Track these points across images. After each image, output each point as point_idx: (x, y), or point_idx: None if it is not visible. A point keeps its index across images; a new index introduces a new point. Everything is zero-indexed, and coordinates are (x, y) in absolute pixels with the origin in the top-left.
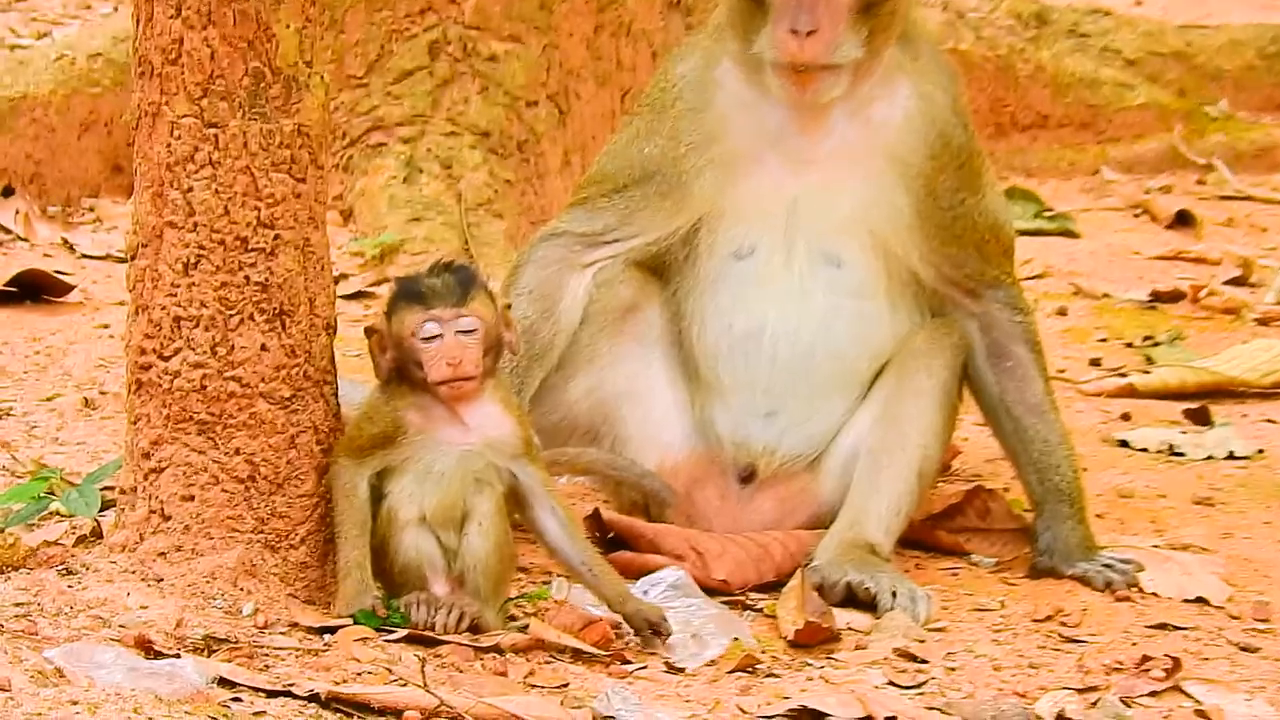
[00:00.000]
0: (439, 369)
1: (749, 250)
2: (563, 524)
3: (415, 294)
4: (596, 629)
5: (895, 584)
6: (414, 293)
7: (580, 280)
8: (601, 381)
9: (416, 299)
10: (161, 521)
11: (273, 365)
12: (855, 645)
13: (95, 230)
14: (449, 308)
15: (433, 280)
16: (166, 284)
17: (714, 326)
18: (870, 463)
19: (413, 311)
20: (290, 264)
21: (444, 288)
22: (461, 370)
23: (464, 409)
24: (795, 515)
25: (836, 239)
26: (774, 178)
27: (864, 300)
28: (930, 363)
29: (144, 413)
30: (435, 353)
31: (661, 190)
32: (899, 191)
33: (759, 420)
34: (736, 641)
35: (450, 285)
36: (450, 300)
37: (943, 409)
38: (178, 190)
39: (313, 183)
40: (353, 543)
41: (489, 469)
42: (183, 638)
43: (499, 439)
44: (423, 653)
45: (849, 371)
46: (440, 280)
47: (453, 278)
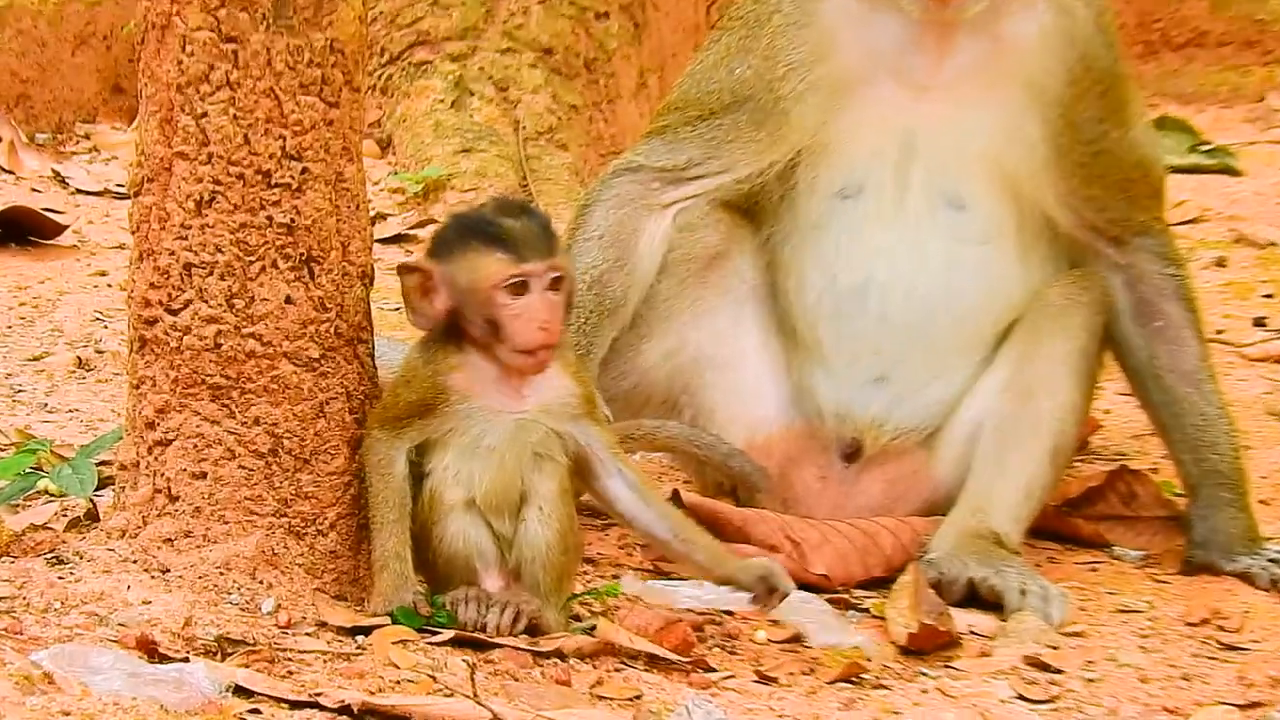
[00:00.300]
0: (529, 333)
1: (856, 189)
2: (635, 488)
3: (499, 238)
4: (675, 631)
5: (1025, 581)
6: (497, 237)
7: (658, 223)
8: (682, 343)
9: (501, 245)
10: (168, 503)
11: (299, 320)
12: (978, 652)
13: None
14: (541, 259)
15: (515, 223)
16: (175, 225)
17: (815, 279)
18: (996, 438)
19: (498, 260)
20: (320, 202)
21: (533, 234)
22: (553, 336)
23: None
24: (907, 499)
25: (959, 177)
26: (887, 104)
27: (990, 248)
28: (1067, 322)
29: (148, 375)
30: (524, 313)
31: (755, 118)
32: (1033, 121)
33: (866, 388)
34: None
35: (538, 232)
36: (542, 250)
37: (1081, 376)
38: (189, 115)
39: (347, 107)
40: (390, 529)
41: (549, 440)
42: (192, 638)
43: (557, 401)
44: (472, 658)
45: (972, 331)
46: (522, 223)
47: (534, 222)
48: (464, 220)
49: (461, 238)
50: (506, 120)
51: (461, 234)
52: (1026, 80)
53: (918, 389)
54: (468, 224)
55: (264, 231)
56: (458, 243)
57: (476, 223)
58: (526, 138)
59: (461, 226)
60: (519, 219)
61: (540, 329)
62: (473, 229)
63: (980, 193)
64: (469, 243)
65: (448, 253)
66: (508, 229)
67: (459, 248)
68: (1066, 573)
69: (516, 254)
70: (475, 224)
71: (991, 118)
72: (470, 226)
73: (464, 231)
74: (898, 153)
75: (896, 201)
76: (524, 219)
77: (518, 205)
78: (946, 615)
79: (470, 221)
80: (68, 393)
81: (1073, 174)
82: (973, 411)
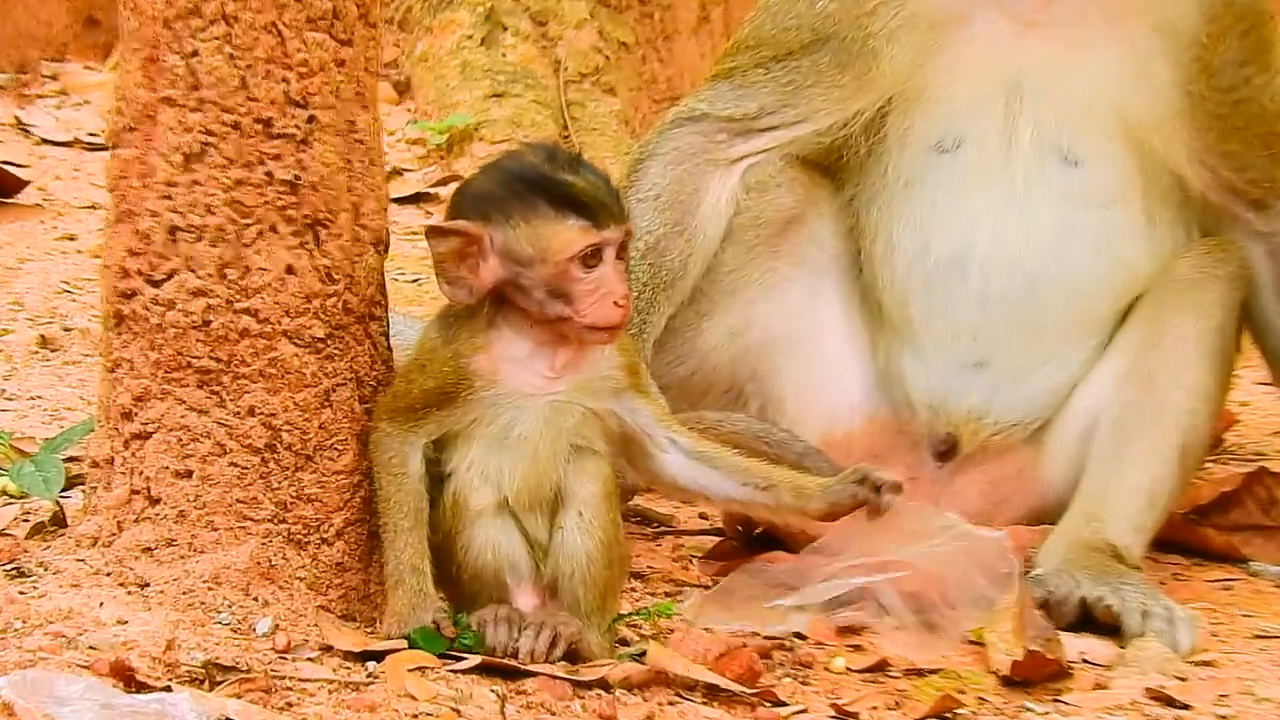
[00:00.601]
0: (606, 309)
1: (955, 143)
2: (693, 453)
3: (572, 200)
4: (739, 658)
5: (1147, 601)
6: (570, 198)
7: (724, 181)
8: (749, 321)
9: (576, 208)
10: (147, 506)
11: (301, 294)
12: (1093, 684)
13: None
14: (618, 224)
15: (583, 181)
16: (159, 182)
17: (905, 245)
18: (1115, 435)
19: (574, 228)
20: (328, 156)
21: (605, 193)
22: (629, 310)
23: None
24: (1010, 505)
25: (1075, 129)
26: (992, 45)
27: (1110, 212)
28: (1198, 298)
29: (125, 357)
30: (600, 286)
31: (839, 60)
32: (1163, 65)
33: (963, 374)
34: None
35: (607, 190)
36: (618, 214)
37: (1214, 362)
38: (178, 54)
39: (360, 45)
40: (404, 538)
41: (588, 425)
42: (175, 665)
43: (595, 376)
44: (502, 688)
45: (1086, 309)
46: (590, 181)
47: (599, 178)
48: (521, 176)
49: (522, 198)
50: (545, 60)
51: (521, 193)
52: (1155, 15)
53: (1023, 376)
54: (528, 180)
55: (263, 190)
56: (518, 204)
57: (539, 180)
58: (568, 80)
59: (520, 183)
60: (582, 175)
61: (617, 304)
62: (537, 187)
63: (1099, 147)
64: (535, 205)
65: (503, 215)
66: (580, 189)
67: (520, 210)
68: (1195, 591)
69: (594, 219)
70: (538, 181)
71: (1113, 59)
72: (533, 184)
73: (525, 190)
74: (1003, 100)
75: (1001, 157)
76: (587, 174)
77: (569, 157)
78: (1055, 641)
79: (531, 178)
80: (29, 377)
81: (1208, 126)
82: (1087, 402)
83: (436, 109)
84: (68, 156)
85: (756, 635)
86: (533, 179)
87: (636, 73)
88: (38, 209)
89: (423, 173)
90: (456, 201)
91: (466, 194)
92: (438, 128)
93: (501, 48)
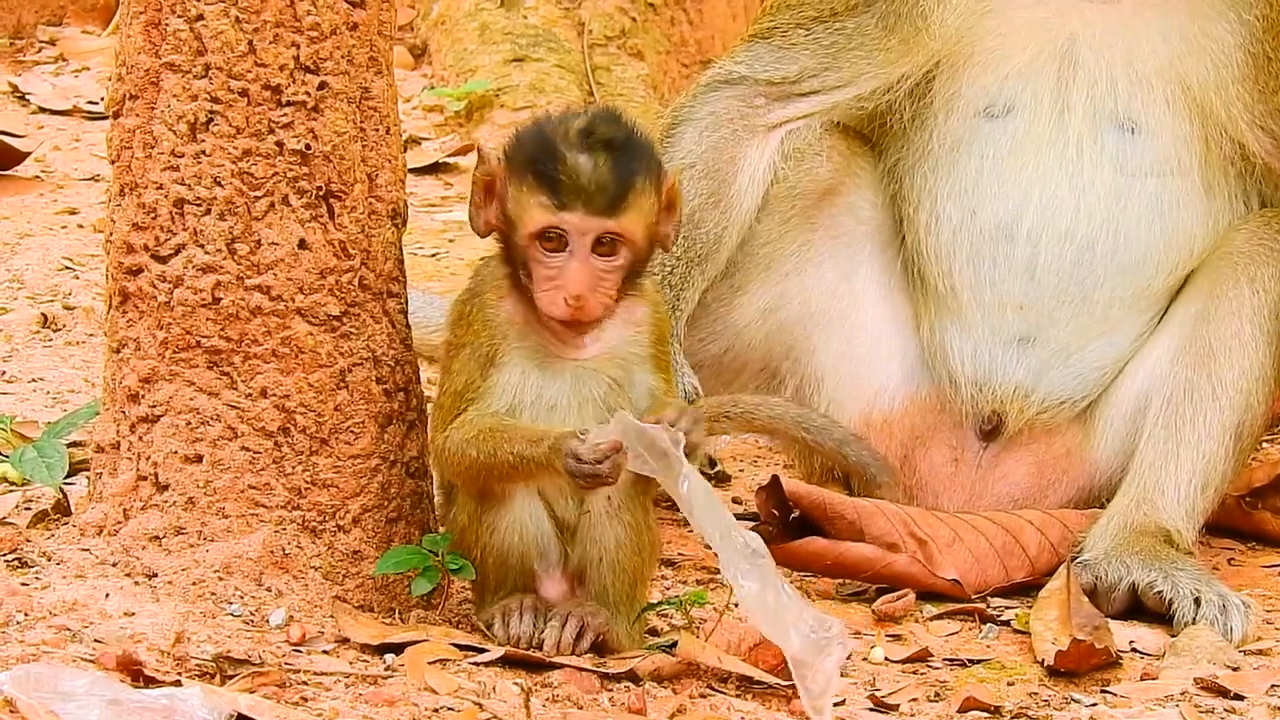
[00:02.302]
0: (554, 301)
1: (1005, 108)
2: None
3: (549, 175)
4: (773, 649)
5: (1199, 587)
6: (549, 172)
7: (762, 150)
8: (785, 295)
9: (548, 184)
10: (155, 492)
11: (315, 269)
12: (1142, 674)
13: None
14: (589, 213)
15: (583, 157)
16: (164, 152)
17: (950, 215)
18: (1167, 414)
19: (539, 204)
20: (341, 124)
21: (596, 177)
22: (585, 313)
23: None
24: (1058, 487)
25: (1132, 94)
26: (1046, 6)
27: (1166, 181)
28: (1256, 271)
29: (130, 337)
30: (556, 276)
31: (886, 22)
32: (1225, 26)
33: (1010, 350)
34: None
35: (606, 175)
36: (596, 204)
37: (1271, 338)
38: (182, 18)
39: (374, 8)
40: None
41: (616, 396)
42: (185, 658)
43: (621, 346)
44: (526, 680)
45: (1140, 282)
46: (593, 159)
47: (613, 161)
48: (539, 136)
49: (524, 158)
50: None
51: (527, 153)
52: None
53: (1072, 351)
54: (538, 143)
55: (273, 160)
56: (520, 161)
57: (543, 147)
58: (593, 44)
59: (533, 143)
60: (593, 157)
61: (566, 301)
62: (538, 153)
63: (1157, 113)
64: (525, 169)
65: (510, 166)
66: (567, 169)
67: (517, 168)
68: (1250, 578)
69: (560, 201)
70: (541, 148)
71: (1175, 21)
72: (538, 148)
73: (530, 152)
74: (1056, 64)
75: (1054, 123)
76: (601, 160)
77: (611, 131)
78: (1104, 629)
79: (541, 141)
80: (30, 358)
81: (1275, 89)
82: (1139, 380)
83: (454, 74)
84: (67, 126)
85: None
86: (540, 143)
87: (665, 35)
88: (37, 181)
89: (440, 141)
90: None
91: (520, 130)
92: (456, 94)
93: (522, 9)
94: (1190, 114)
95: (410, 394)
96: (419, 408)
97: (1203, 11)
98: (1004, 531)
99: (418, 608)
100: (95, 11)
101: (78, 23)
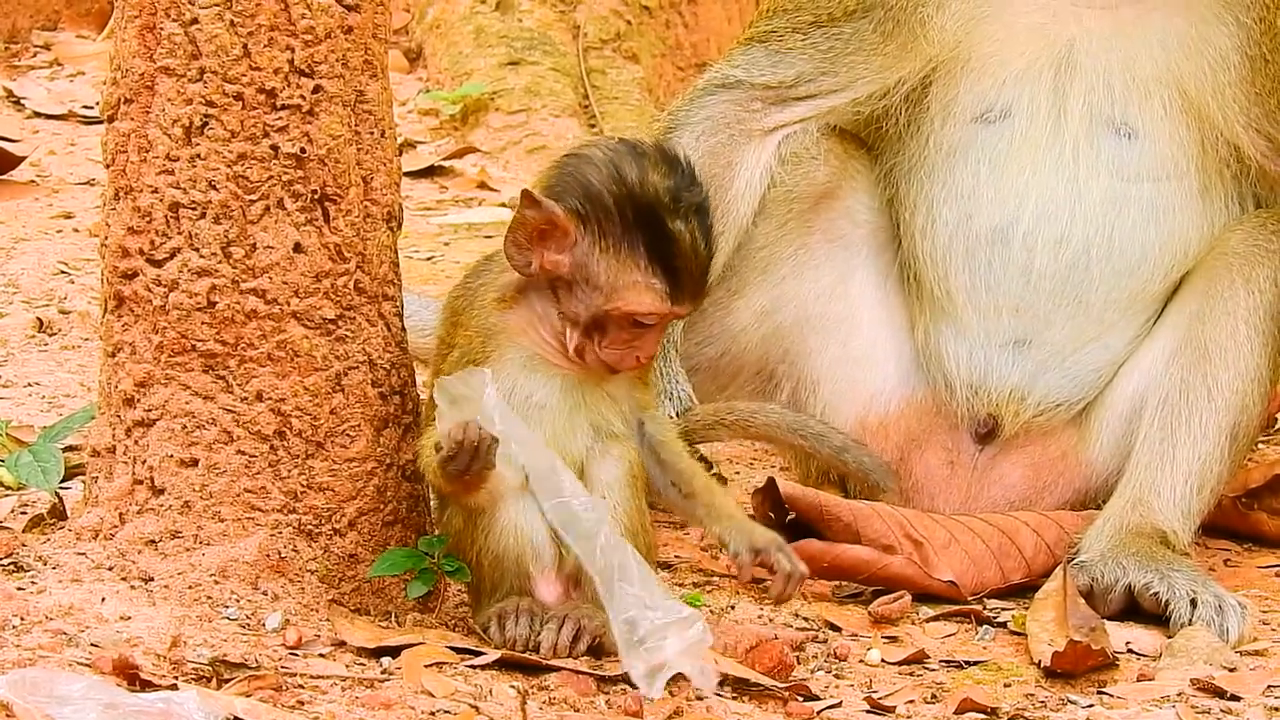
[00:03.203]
0: (626, 359)
1: (1002, 113)
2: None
3: (667, 266)
4: (770, 650)
5: (1196, 588)
6: (667, 263)
7: (758, 154)
8: (780, 300)
9: (667, 276)
10: (151, 496)
11: (311, 273)
12: (1138, 675)
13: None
14: (690, 303)
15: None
16: (159, 156)
17: (946, 219)
18: (1163, 415)
19: (654, 293)
20: (336, 127)
21: (699, 269)
22: (646, 361)
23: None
24: (1054, 489)
25: (1129, 99)
26: (1046, 11)
27: (1163, 185)
28: (1251, 272)
29: (126, 341)
30: (633, 340)
31: (884, 27)
32: (1223, 29)
33: (1006, 353)
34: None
35: (702, 266)
36: (696, 295)
37: (1267, 338)
38: (176, 22)
39: (368, 11)
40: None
41: (607, 404)
42: (181, 662)
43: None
44: (523, 683)
45: (1136, 285)
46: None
47: (705, 248)
48: (638, 201)
49: (627, 229)
50: (564, 25)
51: (630, 223)
52: None
53: (1068, 355)
54: (642, 212)
55: (268, 164)
56: (619, 231)
57: (652, 220)
58: (588, 47)
59: (634, 211)
60: (694, 233)
61: (639, 358)
62: (647, 227)
63: (1154, 118)
64: (634, 245)
65: (599, 230)
66: (683, 254)
67: (618, 239)
68: (1246, 578)
69: (677, 294)
70: (651, 222)
71: (1173, 26)
72: (645, 221)
73: (634, 222)
74: (1054, 70)
75: (1050, 128)
76: (699, 234)
77: (695, 202)
78: (1100, 630)
79: (646, 211)
80: (26, 362)
81: (1270, 91)
82: (1134, 382)
83: (449, 78)
84: (62, 130)
85: (789, 627)
86: (647, 214)
87: (660, 38)
88: (32, 185)
89: (436, 145)
90: (565, 176)
91: (577, 177)
92: (451, 97)
93: (517, 12)
94: (1187, 118)
95: (406, 397)
96: (415, 411)
97: (1201, 15)
98: (1000, 533)
99: (414, 611)
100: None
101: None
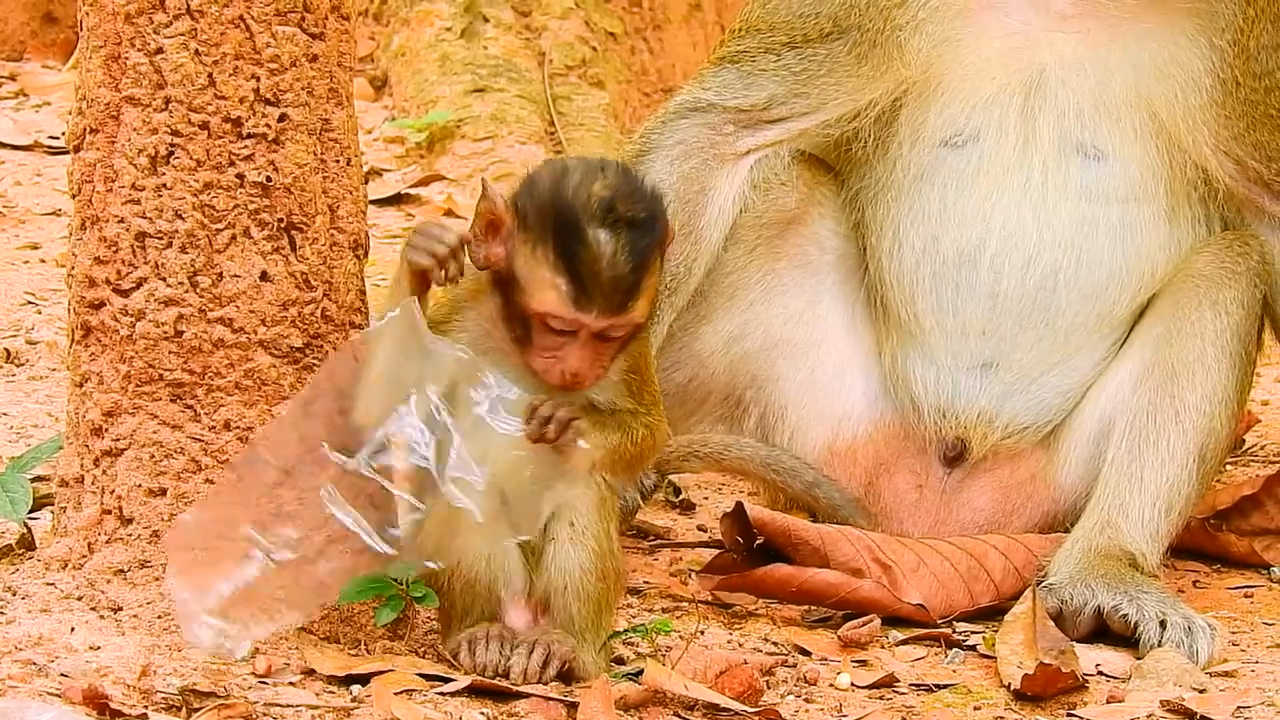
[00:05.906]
0: (548, 370)
1: (970, 136)
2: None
3: (573, 268)
4: (739, 675)
5: (1165, 610)
6: (573, 265)
7: (731, 179)
8: (748, 325)
9: (572, 279)
10: (119, 526)
11: (277, 301)
12: (1108, 697)
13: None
14: (604, 315)
15: (604, 254)
16: (125, 186)
17: (912, 242)
18: (1131, 437)
19: (558, 293)
20: (302, 156)
21: (614, 282)
22: (579, 384)
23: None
24: (1022, 511)
25: (1099, 122)
26: (1017, 36)
27: (1131, 208)
28: (1218, 294)
29: (93, 370)
30: (556, 349)
31: (858, 50)
32: (1196, 52)
33: (973, 376)
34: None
35: (624, 269)
36: (611, 306)
37: (1234, 360)
38: (141, 51)
39: (334, 39)
40: None
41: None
42: (150, 691)
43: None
44: (493, 710)
45: (1103, 307)
46: (613, 260)
47: (631, 249)
48: (564, 203)
49: (545, 225)
50: (529, 52)
51: (549, 221)
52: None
53: (1035, 377)
54: (564, 213)
55: (234, 193)
56: (539, 227)
57: (570, 222)
58: (553, 73)
59: (557, 209)
60: (617, 243)
61: (565, 375)
62: (562, 228)
63: (1124, 140)
64: (546, 242)
65: (526, 224)
66: (592, 260)
67: (536, 234)
68: (1215, 600)
69: (581, 300)
70: (568, 224)
71: (1146, 49)
72: (563, 222)
73: (554, 221)
74: (1024, 94)
75: (1019, 151)
76: (624, 246)
77: (630, 216)
78: (1069, 653)
79: (568, 213)
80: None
81: (1239, 114)
82: (1102, 405)
83: (415, 105)
84: (28, 161)
85: (758, 652)
86: (568, 216)
87: (625, 64)
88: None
89: (402, 173)
90: (526, 178)
91: (534, 177)
92: (417, 125)
93: (483, 40)
94: (1157, 141)
95: None
96: None
97: (1174, 39)
98: (968, 556)
99: (384, 638)
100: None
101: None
